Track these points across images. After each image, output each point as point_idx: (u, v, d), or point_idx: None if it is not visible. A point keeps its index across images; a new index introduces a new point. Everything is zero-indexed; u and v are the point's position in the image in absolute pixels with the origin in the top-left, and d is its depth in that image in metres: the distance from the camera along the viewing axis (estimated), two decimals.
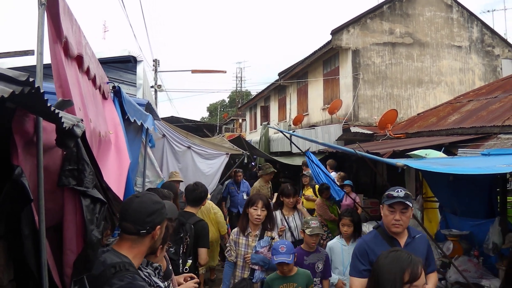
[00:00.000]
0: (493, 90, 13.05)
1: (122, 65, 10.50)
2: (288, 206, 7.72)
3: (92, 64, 3.78)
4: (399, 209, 4.33)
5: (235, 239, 6.19)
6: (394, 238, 4.44)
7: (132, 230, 2.89)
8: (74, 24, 3.06)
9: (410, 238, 4.48)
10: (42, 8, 2.41)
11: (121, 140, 4.63)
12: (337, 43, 17.77)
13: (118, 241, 2.99)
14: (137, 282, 2.72)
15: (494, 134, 9.36)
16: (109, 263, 2.76)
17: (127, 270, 2.73)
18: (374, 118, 17.14)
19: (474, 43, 19.23)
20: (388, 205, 4.38)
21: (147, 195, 3.10)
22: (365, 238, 4.67)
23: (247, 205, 6.23)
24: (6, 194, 2.22)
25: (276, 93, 28.80)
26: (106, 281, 2.69)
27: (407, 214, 4.35)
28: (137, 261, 2.96)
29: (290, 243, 5.56)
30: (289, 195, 7.68)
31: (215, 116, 62.58)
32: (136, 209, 2.92)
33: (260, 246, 5.98)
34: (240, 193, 13.41)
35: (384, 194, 4.51)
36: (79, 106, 3.03)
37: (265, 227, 6.18)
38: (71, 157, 2.66)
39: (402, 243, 4.42)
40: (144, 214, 2.91)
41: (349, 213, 6.79)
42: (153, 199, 3.04)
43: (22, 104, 2.13)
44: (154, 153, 10.59)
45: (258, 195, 6.43)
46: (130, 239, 2.92)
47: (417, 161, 6.59)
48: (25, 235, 2.39)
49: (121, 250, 2.89)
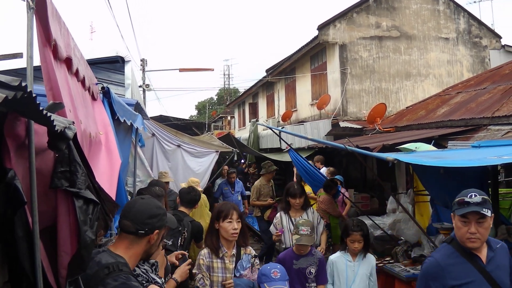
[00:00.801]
0: (482, 81, 13.11)
1: (110, 66, 10.49)
2: (294, 207, 7.17)
3: (81, 66, 3.79)
4: (474, 219, 3.46)
5: (207, 263, 4.87)
6: (474, 254, 3.57)
7: (131, 229, 2.92)
8: (62, 27, 3.07)
9: (492, 251, 3.61)
10: (31, 12, 2.42)
11: (111, 141, 4.64)
12: (324, 38, 17.79)
13: (116, 241, 3.02)
14: (131, 282, 2.74)
15: (484, 126, 9.41)
16: (104, 263, 2.78)
17: (120, 270, 2.75)
18: (363, 112, 17.19)
19: (461, 35, 19.29)
20: (460, 216, 3.53)
21: (151, 199, 3.17)
22: (437, 257, 3.73)
23: (216, 219, 4.94)
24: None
25: (264, 89, 28.80)
26: (100, 281, 2.72)
27: (485, 224, 3.48)
28: (133, 263, 2.98)
29: (281, 266, 4.73)
30: (295, 195, 7.10)
31: (204, 114, 62.43)
32: (138, 209, 2.97)
33: (243, 268, 4.91)
34: (235, 194, 13.26)
35: (455, 200, 3.66)
36: (69, 108, 3.04)
37: (239, 243, 5.02)
38: (63, 159, 2.66)
39: (484, 258, 3.57)
40: (146, 215, 2.95)
41: (359, 227, 5.79)
42: (157, 204, 3.09)
43: (13, 108, 2.14)
44: (144, 153, 10.61)
45: (227, 204, 5.18)
46: (127, 238, 2.95)
47: (407, 155, 6.63)
48: (19, 237, 2.40)
49: (117, 251, 2.91)
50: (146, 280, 3.27)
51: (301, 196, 7.11)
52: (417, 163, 5.86)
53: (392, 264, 7.62)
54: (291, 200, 7.13)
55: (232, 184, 13.35)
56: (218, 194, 13.46)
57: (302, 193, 7.17)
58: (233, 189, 13.25)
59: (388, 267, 7.39)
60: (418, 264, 7.32)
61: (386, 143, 9.39)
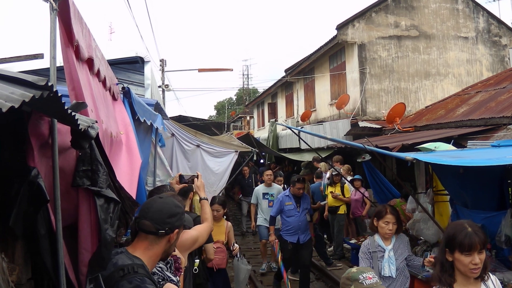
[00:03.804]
0: (501, 80, 12.99)
1: (130, 66, 10.56)
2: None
3: (102, 66, 3.83)
4: None
5: None
6: None
7: (151, 229, 2.86)
8: (84, 28, 3.11)
9: None
10: (54, 13, 2.46)
11: (132, 140, 4.68)
12: (343, 38, 17.73)
13: (134, 242, 2.96)
14: (146, 285, 2.68)
15: (504, 125, 9.34)
16: (120, 264, 2.74)
17: (136, 272, 2.70)
18: (382, 112, 17.11)
19: (480, 34, 19.11)
20: None
21: (170, 197, 3.10)
22: None
23: None
24: (23, 195, 2.27)
25: (283, 89, 28.79)
26: (114, 283, 2.68)
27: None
28: (152, 263, 2.94)
29: None
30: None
31: (223, 114, 62.52)
32: (158, 209, 2.91)
33: None
34: (302, 212, 9.49)
35: None
36: (91, 107, 3.09)
37: None
38: (85, 158, 2.70)
39: None
40: (166, 214, 2.90)
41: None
42: (175, 203, 3.03)
43: (38, 108, 2.18)
44: (164, 152, 10.65)
45: None
46: (147, 239, 2.89)
47: (426, 154, 6.59)
48: (41, 235, 2.45)
49: (135, 252, 2.87)
50: (162, 279, 3.27)
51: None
52: (436, 162, 5.83)
53: None
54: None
55: (299, 198, 9.50)
56: (276, 212, 9.59)
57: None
58: (299, 205, 9.45)
59: None
60: None
61: (405, 142, 9.36)
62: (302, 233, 9.40)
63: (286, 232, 9.44)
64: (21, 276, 2.47)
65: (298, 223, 9.30)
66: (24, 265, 2.51)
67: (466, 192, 7.31)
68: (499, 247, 6.65)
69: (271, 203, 11.07)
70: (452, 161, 5.22)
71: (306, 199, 9.72)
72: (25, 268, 2.53)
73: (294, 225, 9.31)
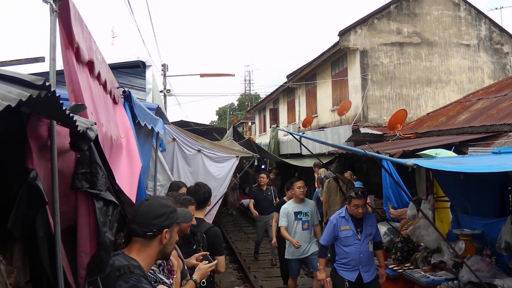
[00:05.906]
0: (503, 88, 12.98)
1: (131, 70, 10.57)
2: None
3: (103, 69, 3.83)
4: None
5: None
6: None
7: (139, 232, 2.89)
8: (84, 30, 3.11)
9: None
10: (54, 15, 2.45)
11: (132, 144, 4.67)
12: (345, 44, 17.75)
13: (129, 244, 2.99)
14: (142, 284, 2.71)
15: (505, 132, 9.33)
16: (116, 265, 2.77)
17: (132, 272, 2.73)
18: (383, 118, 17.11)
19: (482, 41, 19.12)
20: None
21: (156, 198, 3.11)
22: None
23: None
24: (21, 197, 2.27)
25: (284, 95, 28.80)
26: (111, 283, 2.71)
27: None
28: (147, 265, 2.96)
29: None
30: None
31: (224, 119, 62.58)
32: (143, 212, 2.92)
33: None
34: (364, 240, 6.92)
35: None
36: (91, 110, 3.08)
37: None
38: (84, 160, 2.70)
39: None
40: (151, 216, 2.91)
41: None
42: (161, 203, 3.02)
43: (37, 109, 2.17)
44: (165, 157, 10.64)
45: None
46: (138, 241, 2.91)
47: (427, 161, 6.59)
48: (40, 237, 2.44)
49: (131, 254, 2.90)
50: (154, 281, 3.28)
51: None
52: (437, 168, 5.83)
53: (412, 270, 7.59)
54: None
55: (359, 220, 7.00)
56: (326, 239, 7.17)
57: None
58: (360, 230, 6.95)
59: (408, 273, 7.37)
60: (438, 270, 7.28)
61: (406, 149, 9.35)
62: (365, 268, 6.90)
63: (342, 267, 6.97)
64: (19, 278, 2.46)
65: (359, 254, 6.86)
66: (22, 268, 2.50)
67: (467, 198, 7.31)
68: (499, 253, 6.65)
69: (305, 225, 8.72)
70: (453, 167, 5.21)
71: (370, 221, 7.13)
72: (23, 270, 2.52)
73: (354, 257, 6.86)
